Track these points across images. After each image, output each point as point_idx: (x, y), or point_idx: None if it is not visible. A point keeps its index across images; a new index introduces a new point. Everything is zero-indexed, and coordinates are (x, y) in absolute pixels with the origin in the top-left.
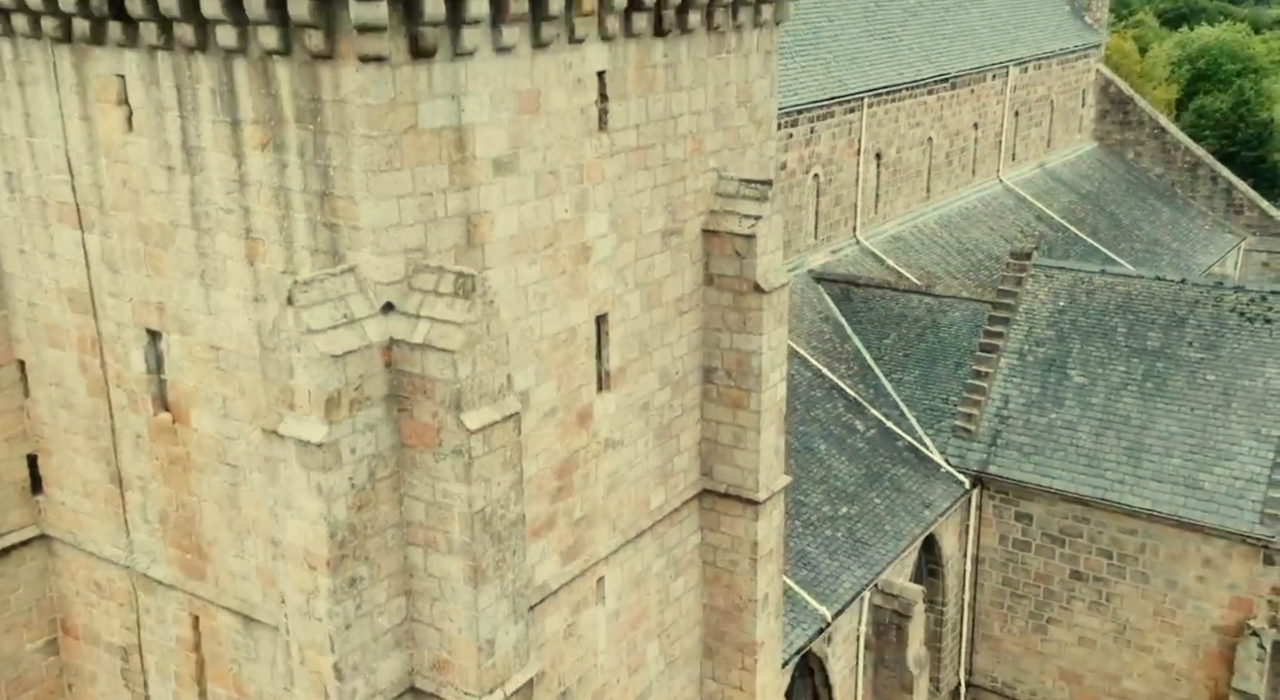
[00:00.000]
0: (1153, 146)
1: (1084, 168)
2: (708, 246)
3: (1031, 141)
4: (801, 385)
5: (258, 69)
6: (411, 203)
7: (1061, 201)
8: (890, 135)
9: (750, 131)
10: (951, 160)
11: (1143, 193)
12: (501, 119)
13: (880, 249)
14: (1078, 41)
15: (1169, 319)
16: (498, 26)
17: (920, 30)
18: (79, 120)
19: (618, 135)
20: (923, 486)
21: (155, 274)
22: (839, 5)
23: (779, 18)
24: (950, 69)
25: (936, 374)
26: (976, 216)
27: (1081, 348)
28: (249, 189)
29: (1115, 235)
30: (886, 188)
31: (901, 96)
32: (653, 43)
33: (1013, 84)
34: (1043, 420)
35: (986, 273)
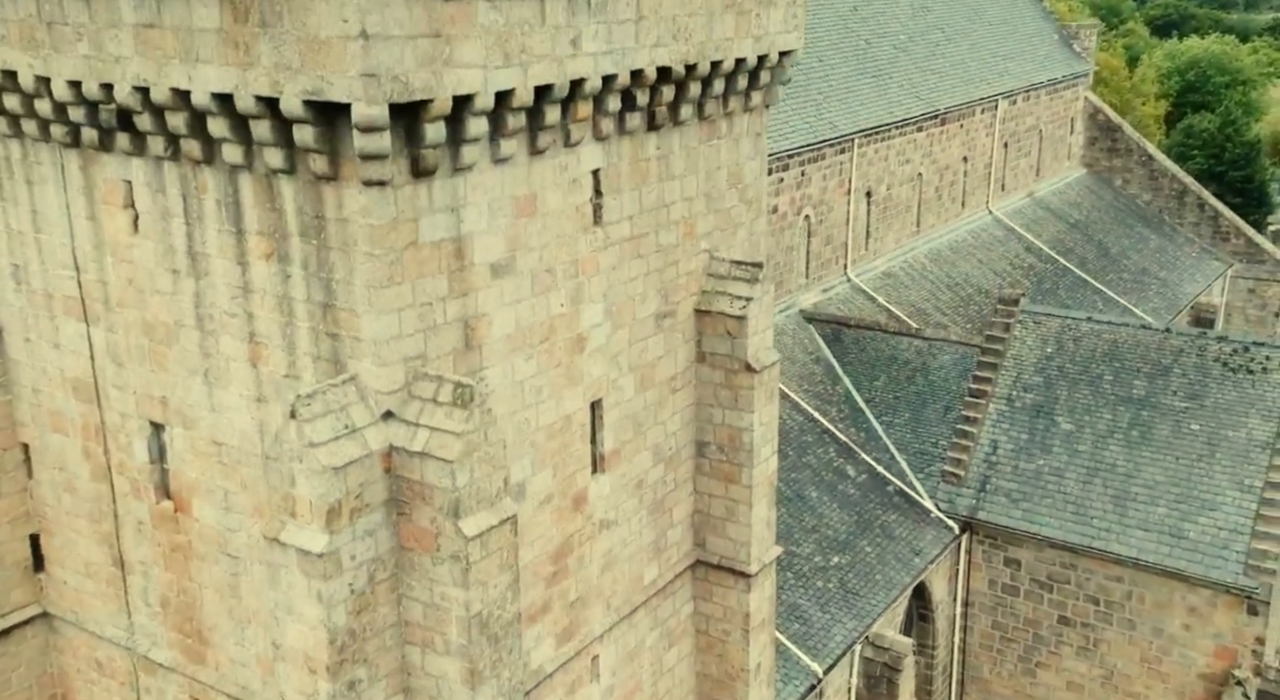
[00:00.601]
0: (1141, 173)
1: (1073, 195)
2: (700, 325)
3: (1020, 171)
4: (793, 430)
5: (263, 184)
6: (412, 313)
7: (1050, 231)
8: (880, 173)
9: (741, 211)
10: (941, 194)
11: (1131, 220)
12: (499, 225)
13: (871, 286)
14: (1066, 71)
15: (1154, 367)
16: (496, 140)
17: (910, 66)
18: (85, 220)
19: (612, 228)
20: (913, 533)
21: (159, 369)
22: (830, 45)
23: (768, 102)
24: (940, 105)
25: (926, 417)
26: (966, 249)
27: (1069, 394)
28: (253, 296)
29: (1104, 265)
30: (877, 224)
31: (891, 135)
32: (645, 137)
33: (1002, 116)
34: (1031, 466)
35: (976, 308)
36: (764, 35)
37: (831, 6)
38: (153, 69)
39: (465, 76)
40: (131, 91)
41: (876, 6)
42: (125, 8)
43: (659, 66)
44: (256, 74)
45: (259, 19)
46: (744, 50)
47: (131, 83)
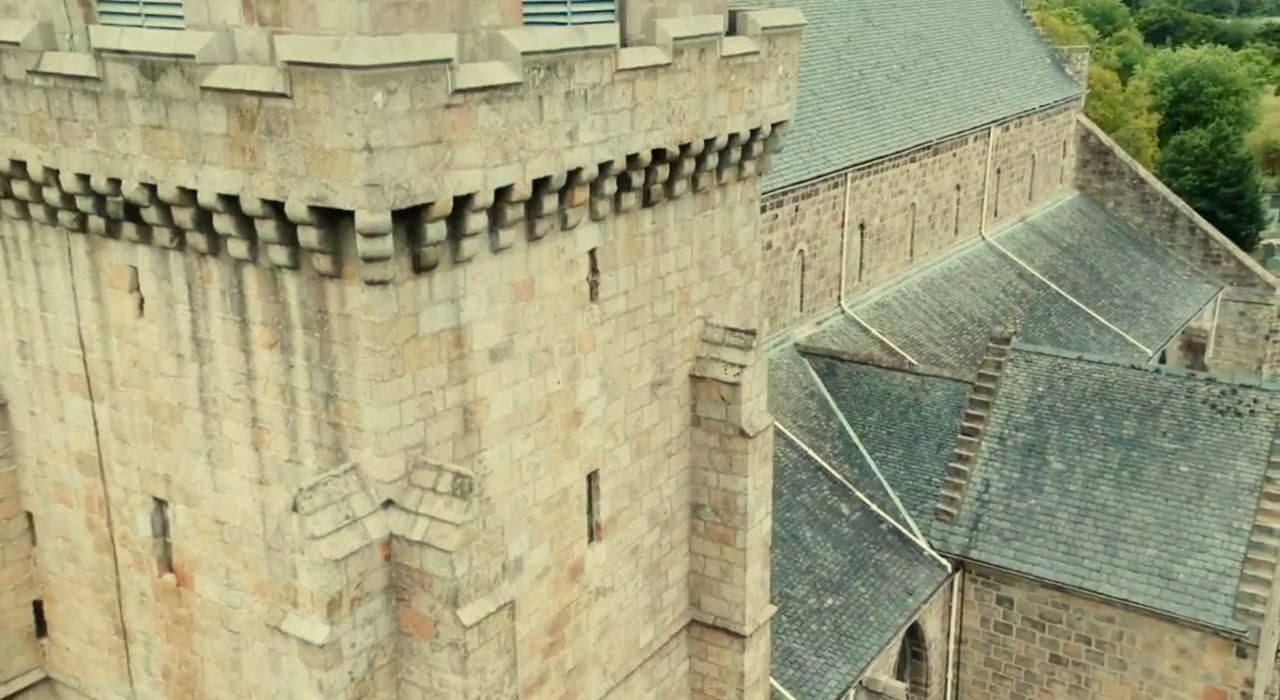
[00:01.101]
0: (1132, 196)
1: (1065, 219)
2: (694, 390)
3: (1013, 196)
4: (788, 468)
5: (266, 278)
6: (412, 403)
7: (1043, 257)
8: (874, 205)
9: (734, 276)
10: (934, 222)
11: (1123, 243)
12: (498, 311)
13: (864, 317)
14: (1058, 95)
15: (1144, 408)
16: (495, 232)
17: (903, 96)
18: (91, 301)
19: (608, 304)
20: (906, 572)
21: (163, 448)
22: (824, 78)
23: (761, 170)
24: (933, 136)
25: (919, 453)
26: (959, 277)
27: (1060, 434)
28: (256, 382)
29: (1096, 290)
30: (870, 255)
31: (885, 167)
32: (641, 213)
33: (994, 143)
34: (1023, 506)
35: (969, 337)
36: (756, 110)
37: (825, 39)
38: (160, 168)
39: (466, 177)
40: (139, 187)
41: (870, 37)
42: (134, 109)
43: (654, 149)
44: (262, 178)
45: (265, 127)
46: (737, 126)
47: (139, 179)
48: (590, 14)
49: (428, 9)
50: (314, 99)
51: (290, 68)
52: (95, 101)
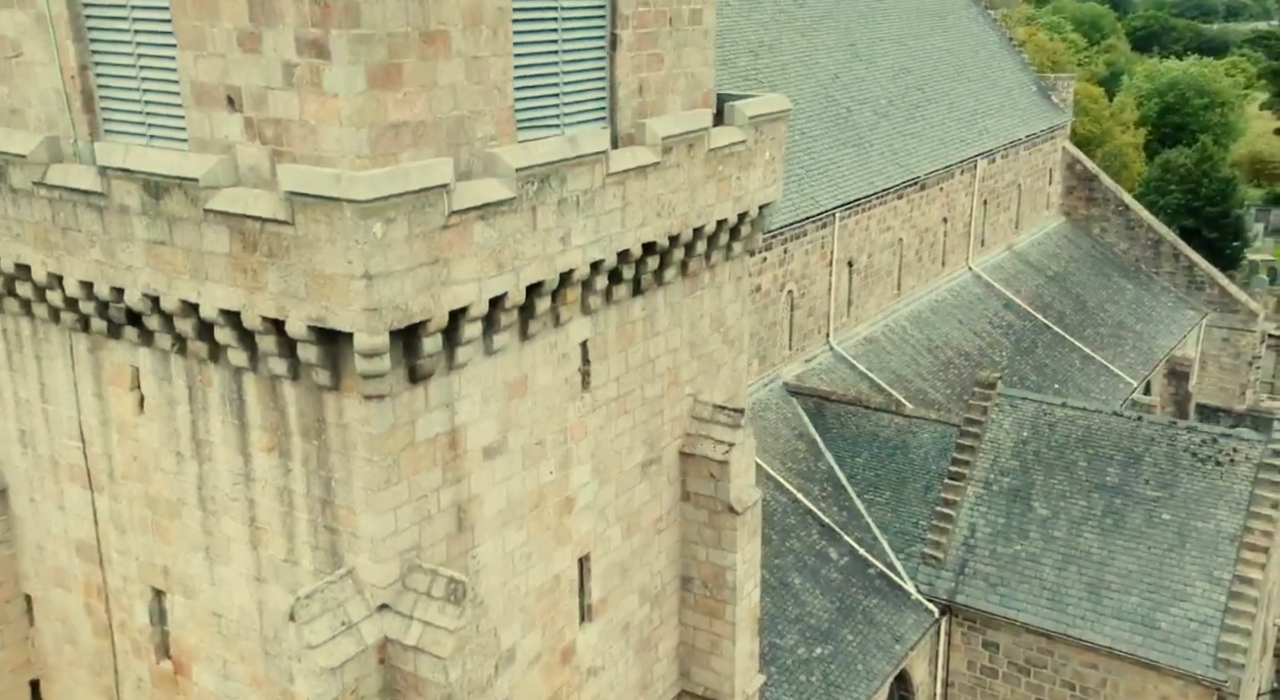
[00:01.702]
0: (1118, 222)
1: (1051, 246)
2: (684, 466)
3: (1000, 226)
4: (777, 512)
5: (265, 385)
6: (408, 509)
7: (1029, 286)
8: (861, 242)
9: (723, 352)
10: (921, 256)
11: (1108, 270)
12: (492, 410)
13: (853, 354)
14: (1045, 124)
15: (1127, 455)
16: (489, 336)
17: (890, 132)
18: (92, 396)
19: (599, 391)
20: (894, 618)
21: (162, 541)
22: (811, 116)
23: (749, 248)
24: (920, 171)
25: (906, 496)
26: (946, 310)
27: (1044, 480)
28: (254, 484)
29: (1081, 319)
30: (858, 292)
31: (872, 205)
32: (631, 301)
33: (981, 175)
34: (1008, 551)
35: (955, 372)
36: (744, 195)
37: (813, 76)
38: (163, 281)
39: (461, 291)
40: (142, 298)
41: (857, 71)
42: (137, 224)
43: (644, 243)
44: (263, 297)
45: (267, 250)
46: (725, 212)
47: (142, 291)
48: (582, 116)
49: (425, 128)
50: (315, 227)
51: (292, 197)
52: (99, 214)
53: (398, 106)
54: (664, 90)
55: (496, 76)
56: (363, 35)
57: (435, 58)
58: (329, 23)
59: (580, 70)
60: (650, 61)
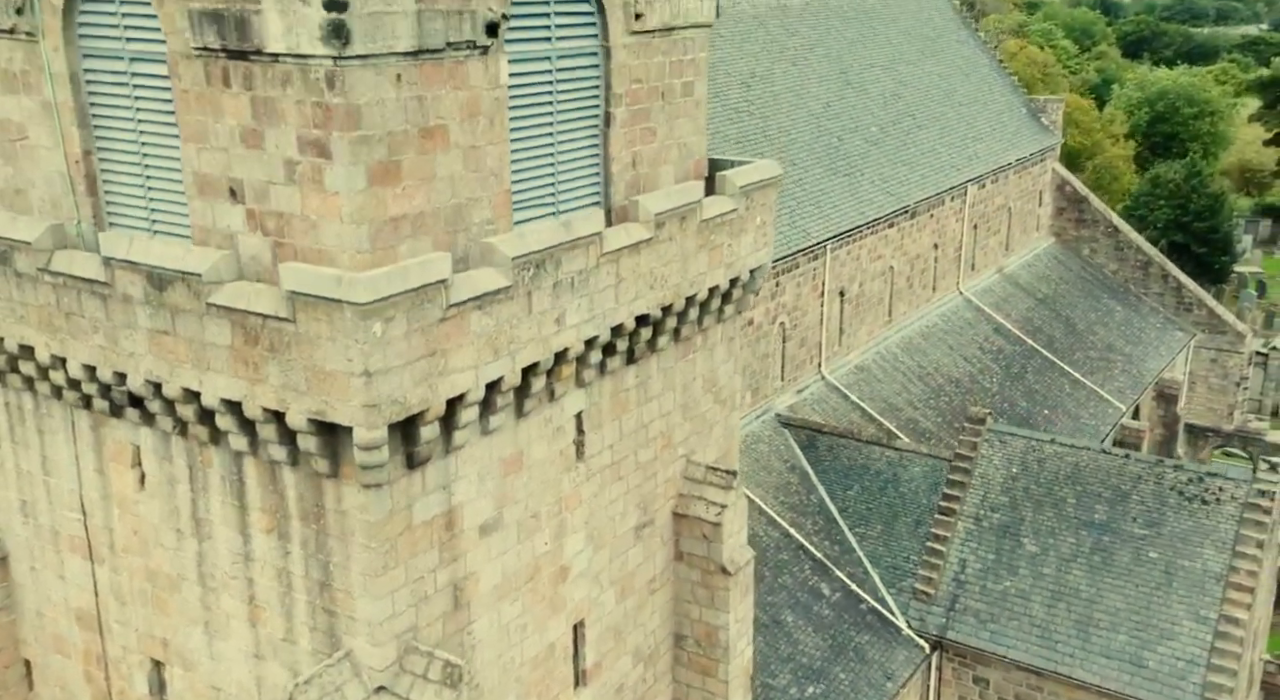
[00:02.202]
0: (1107, 244)
1: (1041, 268)
2: (677, 526)
3: (990, 249)
4: (770, 548)
5: (265, 470)
6: (405, 592)
7: (1020, 309)
8: (853, 272)
9: (715, 411)
10: (912, 282)
11: (1098, 291)
12: (488, 488)
13: (845, 383)
14: (1034, 147)
15: (1114, 493)
16: (485, 417)
17: (881, 160)
18: (93, 471)
19: (593, 460)
20: (885, 654)
21: (161, 614)
22: (803, 146)
23: (740, 310)
24: (911, 199)
25: (898, 530)
26: (937, 335)
27: (1034, 516)
28: (254, 563)
29: (1071, 342)
30: (850, 320)
31: (864, 235)
32: (624, 370)
33: (971, 201)
34: (998, 587)
35: (946, 399)
36: (736, 261)
37: (805, 106)
38: (165, 369)
39: (459, 380)
40: (144, 383)
41: (849, 99)
42: (140, 313)
43: (637, 316)
44: (264, 389)
45: (268, 344)
46: (717, 279)
47: (144, 377)
48: (576, 193)
49: (423, 219)
50: (316, 325)
51: (294, 296)
52: (103, 302)
53: (397, 201)
54: (657, 162)
55: (493, 163)
56: (363, 136)
57: (434, 151)
58: (330, 125)
59: (574, 149)
60: (643, 135)
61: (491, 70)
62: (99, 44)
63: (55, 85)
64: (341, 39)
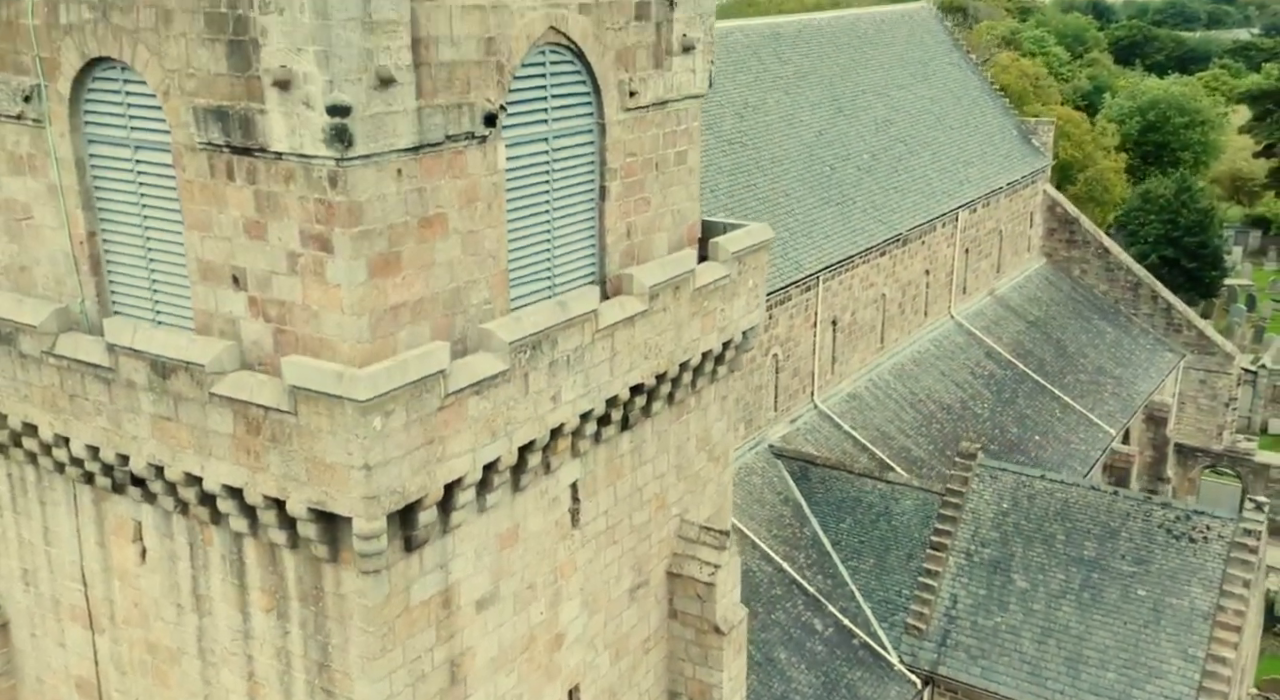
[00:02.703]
0: (1097, 265)
1: (1032, 290)
2: (671, 586)
3: (981, 272)
4: (763, 583)
5: (265, 551)
6: (402, 673)
7: (1011, 332)
8: (845, 301)
9: (709, 468)
10: (904, 308)
11: (1088, 313)
12: (485, 564)
13: (837, 411)
14: (1025, 170)
15: (1103, 529)
16: (482, 495)
17: (873, 188)
18: (95, 544)
19: (588, 527)
20: (877, 691)
21: (162, 685)
22: (796, 176)
23: (733, 369)
24: (903, 227)
25: (890, 564)
26: (929, 361)
27: (1024, 552)
28: (253, 641)
29: (1062, 365)
30: (842, 349)
31: (856, 264)
32: (619, 437)
33: (962, 226)
34: (989, 623)
35: (938, 426)
36: (729, 324)
37: (797, 135)
38: (167, 453)
39: (457, 464)
40: (146, 466)
41: (841, 127)
42: (144, 399)
43: (632, 386)
44: (265, 478)
45: (270, 434)
46: (711, 343)
47: (146, 460)
48: (572, 267)
49: (422, 305)
50: (316, 419)
51: (295, 389)
52: (107, 386)
53: (397, 290)
54: (651, 230)
55: (491, 245)
56: (365, 231)
57: (433, 239)
58: (332, 221)
59: (570, 224)
60: (637, 205)
61: (490, 157)
62: (104, 131)
63: (60, 169)
64: (344, 143)
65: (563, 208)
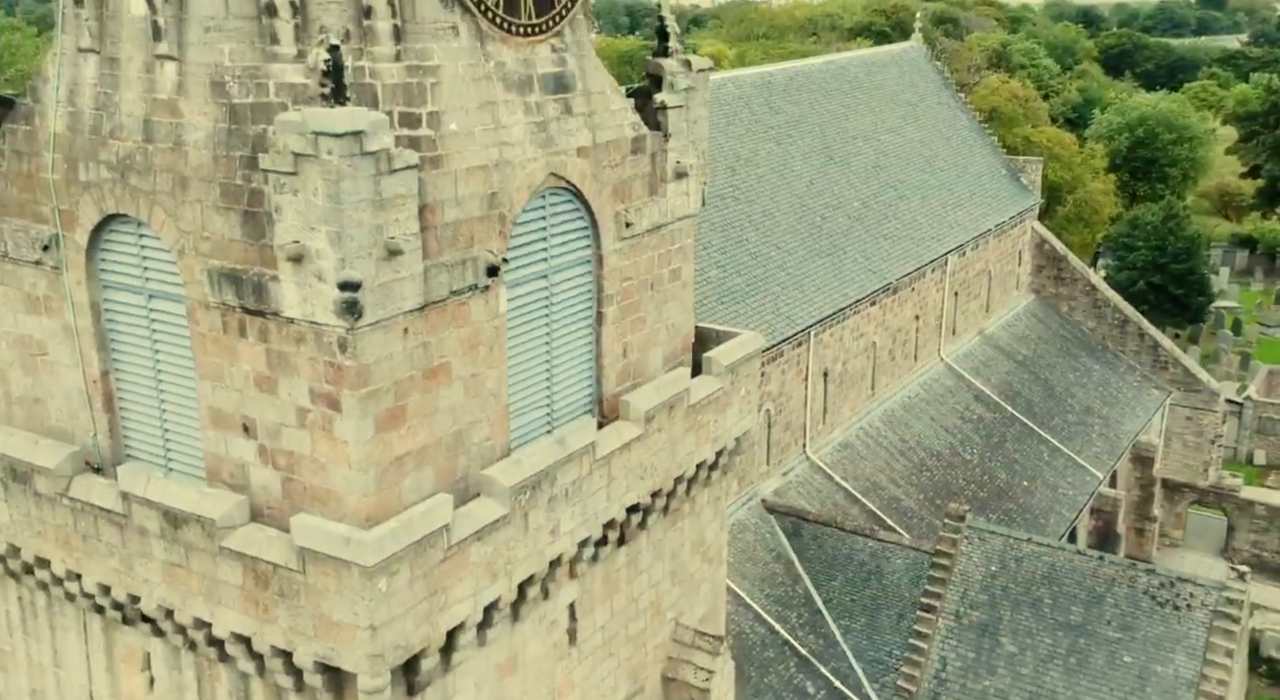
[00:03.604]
0: (1085, 302)
1: (1022, 328)
2: (667, 690)
3: (970, 313)
4: (755, 646)
5: (272, 692)
6: None
7: (1000, 373)
8: (836, 353)
9: (703, 569)
10: (894, 354)
11: (1076, 350)
12: (485, 696)
13: (829, 462)
14: (1014, 210)
15: (1090, 594)
16: (483, 632)
17: (863, 236)
18: (104, 670)
19: (585, 643)
20: None
21: None
22: (788, 228)
23: (726, 471)
24: (893, 276)
25: (881, 623)
26: (918, 406)
27: (1012, 616)
28: None
29: (1050, 407)
30: (833, 398)
31: (846, 316)
32: (615, 553)
33: (951, 270)
34: (978, 687)
35: (928, 475)
36: (722, 434)
37: (789, 186)
38: (178, 598)
39: (458, 610)
40: (157, 607)
41: (832, 175)
42: (155, 545)
43: (628, 507)
44: (273, 630)
45: (278, 589)
46: (705, 455)
47: (157, 602)
48: (570, 395)
49: (426, 452)
50: (324, 579)
51: (303, 550)
52: (119, 530)
53: (402, 441)
54: (647, 345)
55: (492, 385)
56: (372, 391)
57: (437, 388)
58: (341, 383)
59: (568, 351)
60: (634, 325)
61: (491, 302)
62: (119, 278)
63: (76, 313)
64: (355, 314)
65: (561, 338)
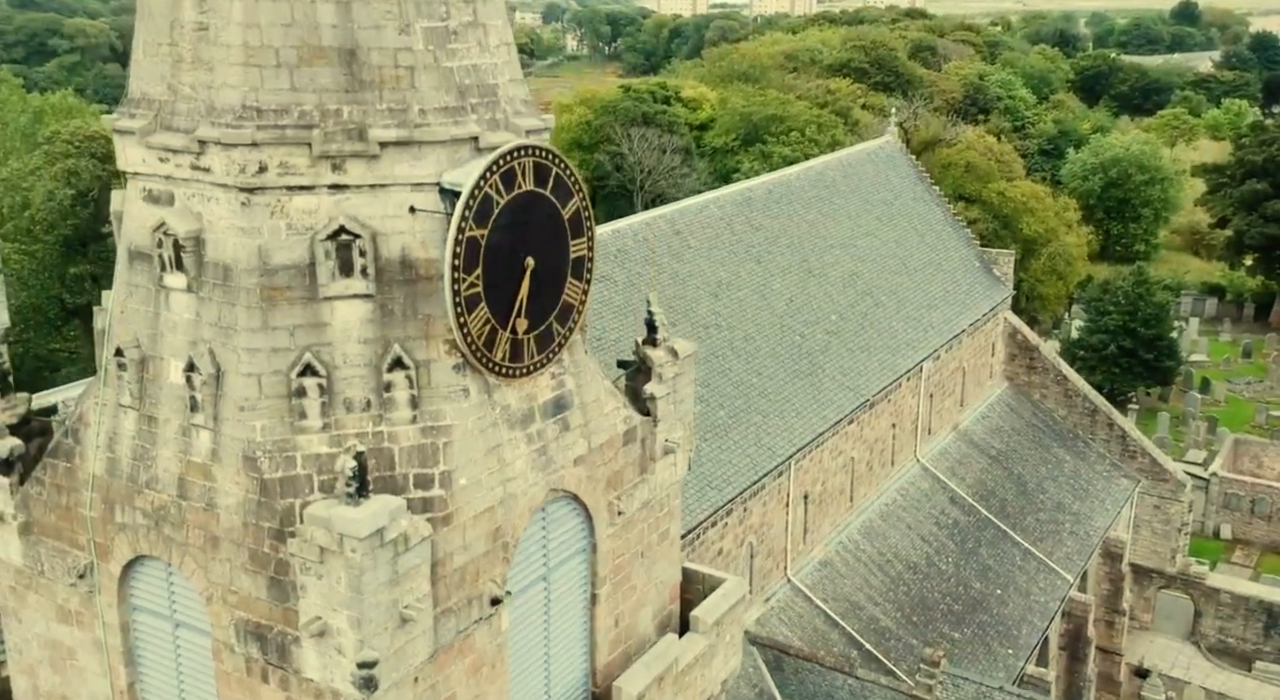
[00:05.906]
0: (1056, 391)
1: (995, 419)
2: None
3: (945, 410)
4: None
5: None
6: None
7: (974, 472)
8: (816, 475)
9: None
10: (871, 465)
11: (1048, 441)
12: None
13: (809, 583)
14: (988, 305)
15: None
16: None
17: (841, 351)
18: None
19: None
20: None
21: None
22: (768, 351)
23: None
24: (870, 392)
25: None
26: (895, 514)
27: None
28: None
29: (1022, 506)
30: (814, 517)
31: (825, 438)
32: None
33: (926, 375)
34: None
35: (904, 588)
36: (709, 685)
37: (769, 307)
38: None
39: None
40: None
41: (810, 290)
42: None
43: None
44: None
45: None
46: None
47: None
48: (565, 676)
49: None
50: None
51: None
52: None
53: None
54: (637, 608)
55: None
56: None
57: None
58: None
59: (563, 636)
60: (625, 595)
61: (494, 624)
62: (149, 604)
63: (106, 631)
64: (371, 688)
65: (558, 628)
